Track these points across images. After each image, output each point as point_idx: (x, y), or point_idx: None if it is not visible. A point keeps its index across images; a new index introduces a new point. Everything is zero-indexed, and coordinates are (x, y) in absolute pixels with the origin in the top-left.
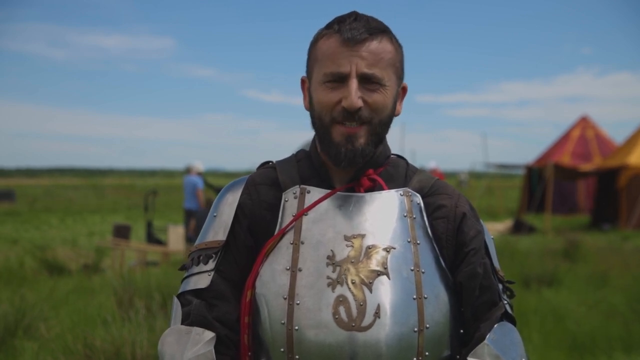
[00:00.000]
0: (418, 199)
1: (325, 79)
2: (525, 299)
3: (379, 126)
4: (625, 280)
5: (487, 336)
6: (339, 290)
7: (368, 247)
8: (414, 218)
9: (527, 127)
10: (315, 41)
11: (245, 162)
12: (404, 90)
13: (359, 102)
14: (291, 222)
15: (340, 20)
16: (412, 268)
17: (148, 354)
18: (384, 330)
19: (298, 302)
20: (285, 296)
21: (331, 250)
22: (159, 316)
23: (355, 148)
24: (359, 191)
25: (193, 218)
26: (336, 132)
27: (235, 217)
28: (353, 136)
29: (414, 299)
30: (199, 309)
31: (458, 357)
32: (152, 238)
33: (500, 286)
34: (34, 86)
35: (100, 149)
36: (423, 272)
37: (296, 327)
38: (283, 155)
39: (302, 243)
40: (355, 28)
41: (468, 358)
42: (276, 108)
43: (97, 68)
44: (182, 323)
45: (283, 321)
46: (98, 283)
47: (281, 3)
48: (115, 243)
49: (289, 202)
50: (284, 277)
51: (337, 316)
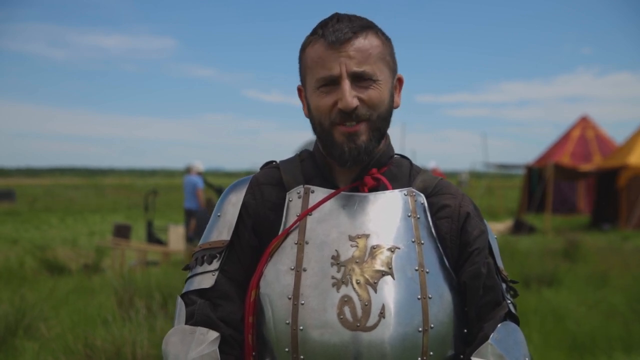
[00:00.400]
0: (422, 199)
1: (318, 85)
2: (525, 299)
3: (379, 121)
4: (625, 280)
5: (491, 336)
6: (344, 290)
7: (372, 247)
8: (418, 218)
9: (527, 127)
10: (303, 49)
11: (245, 162)
12: (400, 81)
13: (355, 102)
14: (295, 222)
15: (323, 24)
16: (417, 268)
17: (149, 354)
18: (389, 330)
19: (303, 302)
20: (289, 296)
21: (336, 250)
22: (160, 316)
23: (358, 146)
24: (363, 191)
25: (193, 218)
26: (337, 133)
27: (239, 217)
28: (354, 134)
29: (419, 299)
30: (203, 309)
31: (462, 357)
32: (153, 238)
33: (503, 285)
34: (34, 86)
35: (100, 149)
36: (427, 272)
37: (301, 327)
38: (283, 155)
39: (307, 243)
40: (338, 29)
41: (472, 358)
42: (276, 108)
43: (97, 68)
44: (186, 323)
45: (288, 321)
46: (98, 283)
47: (281, 3)
48: (115, 243)
49: (293, 202)
50: (289, 277)
51: (342, 316)
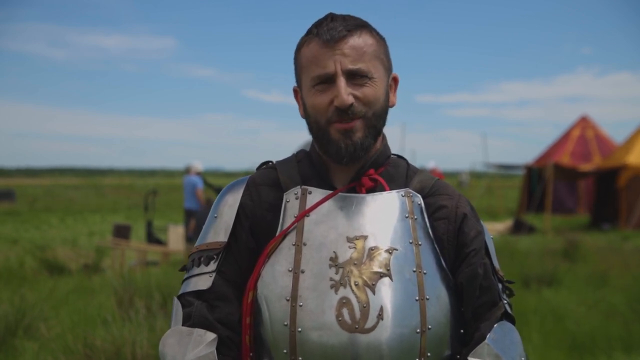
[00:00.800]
0: (419, 200)
1: (313, 83)
2: (525, 299)
3: (374, 118)
4: (625, 280)
5: (488, 336)
6: (342, 292)
7: (370, 249)
8: (415, 219)
9: (527, 127)
10: (297, 50)
11: (245, 162)
12: (395, 80)
13: (350, 99)
14: (293, 224)
15: (317, 24)
16: (414, 269)
17: (148, 354)
18: (387, 332)
19: (301, 304)
20: (287, 298)
21: (334, 252)
22: (159, 316)
23: (354, 142)
24: (361, 191)
25: (193, 218)
26: (333, 131)
27: (236, 218)
28: (350, 131)
29: (417, 301)
30: (201, 311)
31: (458, 357)
32: (152, 238)
33: (500, 286)
34: (34, 86)
35: (100, 149)
36: (425, 273)
37: (299, 329)
38: (283, 155)
39: (305, 245)
40: (333, 28)
41: (469, 358)
42: (276, 108)
43: (97, 68)
44: (183, 324)
45: (286, 323)
46: (98, 283)
47: (281, 3)
48: (115, 243)
49: (290, 203)
50: (287, 279)
51: (341, 318)
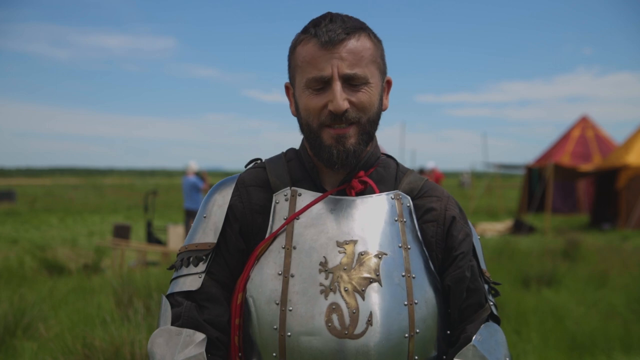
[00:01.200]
0: (408, 202)
1: (308, 84)
2: (524, 299)
3: (368, 124)
4: (624, 280)
5: (474, 337)
6: (332, 297)
7: (360, 254)
8: (405, 222)
9: (528, 127)
10: (293, 47)
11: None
12: (389, 84)
13: (345, 104)
14: (282, 226)
15: (315, 23)
16: (403, 274)
17: (147, 354)
18: (375, 337)
19: (291, 309)
20: (277, 301)
21: (324, 256)
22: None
23: (346, 149)
24: (351, 194)
25: (192, 218)
26: (326, 135)
27: (226, 220)
28: (343, 137)
29: (405, 305)
30: (190, 311)
31: (444, 358)
32: (152, 238)
33: (486, 287)
34: (36, 86)
35: (100, 149)
36: (413, 277)
37: (289, 334)
38: None
39: (294, 248)
40: (331, 30)
41: (455, 359)
42: (277, 108)
43: (99, 68)
44: (172, 324)
45: (275, 326)
46: (98, 283)
47: (282, 3)
48: (115, 243)
49: (280, 205)
50: (276, 282)
51: (330, 324)
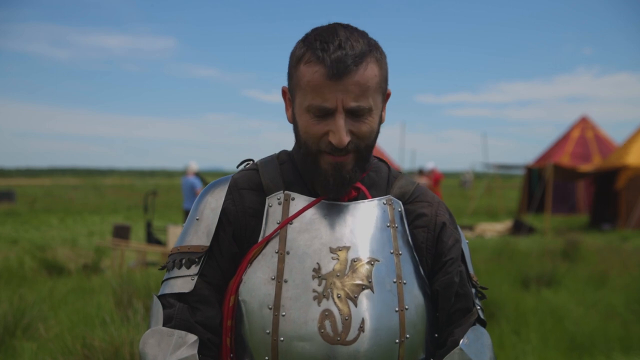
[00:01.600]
0: (400, 207)
1: (309, 109)
2: (524, 299)
3: (366, 151)
4: (624, 280)
5: (461, 342)
6: (325, 304)
7: (353, 260)
8: (396, 227)
9: (528, 127)
10: (296, 61)
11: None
12: (388, 96)
13: (347, 139)
14: (275, 231)
15: (322, 43)
16: (395, 280)
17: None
18: (367, 343)
19: (284, 314)
20: (270, 306)
21: (317, 263)
22: None
23: (343, 177)
24: (343, 199)
25: None
26: (324, 161)
27: (219, 223)
28: (341, 164)
29: (396, 312)
30: (182, 313)
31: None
32: (152, 238)
33: (473, 290)
34: (36, 86)
35: (100, 149)
36: (404, 283)
37: (281, 339)
38: None
39: (288, 253)
40: (340, 60)
41: None
42: (277, 108)
43: (99, 68)
44: (164, 326)
45: (268, 331)
46: (97, 283)
47: (283, 3)
48: (115, 243)
49: (273, 208)
50: (269, 287)
51: (323, 330)
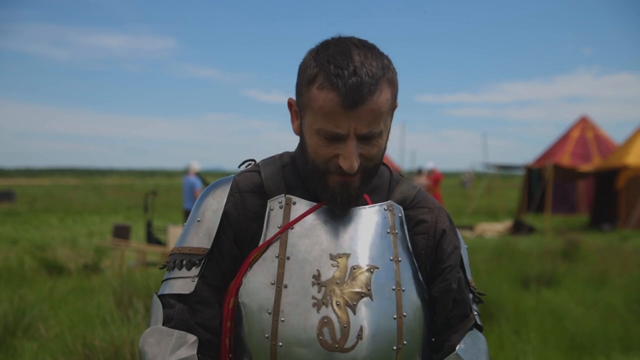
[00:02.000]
0: (400, 212)
1: (319, 132)
2: (524, 299)
3: (373, 170)
4: (624, 280)
5: (457, 347)
6: (324, 311)
7: (353, 268)
8: (396, 233)
9: (528, 127)
10: (308, 82)
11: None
12: (395, 107)
13: (357, 164)
14: (276, 235)
15: (337, 68)
16: (394, 287)
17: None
18: (365, 351)
19: (283, 319)
20: (269, 311)
21: (317, 270)
22: None
23: (349, 194)
24: None
25: None
26: (332, 180)
27: (220, 226)
28: (348, 183)
29: (394, 319)
30: (182, 314)
31: None
32: (152, 238)
33: (471, 296)
34: (36, 86)
35: (100, 149)
36: (403, 290)
37: (280, 344)
38: None
39: (288, 258)
40: (355, 88)
41: None
42: (277, 108)
43: (99, 68)
44: (164, 325)
45: (267, 335)
46: (97, 283)
47: (283, 3)
48: (115, 243)
49: (274, 212)
50: (269, 292)
51: (322, 337)
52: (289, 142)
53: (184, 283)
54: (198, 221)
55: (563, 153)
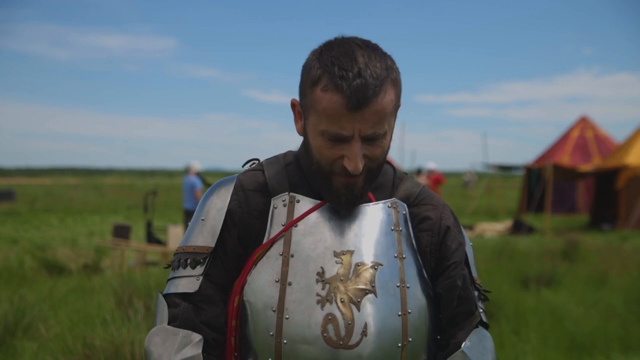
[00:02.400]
0: (404, 209)
1: (323, 133)
2: (524, 299)
3: (377, 169)
4: (623, 280)
5: (463, 344)
6: (328, 308)
7: (357, 265)
8: (401, 231)
9: (528, 127)
10: (312, 83)
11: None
12: (399, 107)
13: (361, 165)
14: (280, 233)
15: (341, 70)
16: (398, 284)
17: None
18: (369, 348)
19: (287, 317)
20: (274, 308)
21: (321, 267)
22: None
23: (354, 194)
24: None
25: (191, 218)
26: (336, 181)
27: (224, 225)
28: (353, 184)
29: (399, 316)
30: (187, 313)
31: None
32: (152, 238)
33: (476, 293)
34: (36, 86)
35: (100, 149)
36: (408, 287)
37: (285, 341)
38: None
39: (292, 256)
40: (360, 90)
41: None
42: (277, 108)
43: (100, 68)
44: (169, 325)
45: (271, 333)
46: (98, 283)
47: (282, 3)
48: (115, 243)
49: (278, 210)
50: (273, 289)
51: (326, 334)
52: (289, 142)
53: (189, 282)
54: (202, 220)
55: (563, 153)
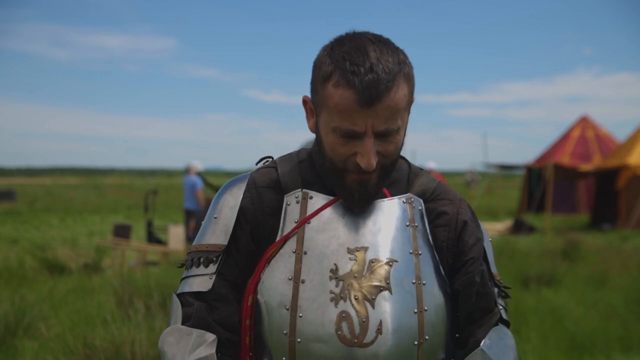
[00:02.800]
0: (420, 205)
1: (336, 130)
2: (524, 299)
3: (391, 166)
4: (624, 280)
5: (482, 342)
6: (342, 305)
7: (371, 261)
8: (416, 226)
9: (528, 127)
10: (324, 79)
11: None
12: (412, 103)
13: (375, 161)
14: (293, 230)
15: (352, 65)
16: (414, 281)
17: (147, 353)
18: (385, 346)
19: (301, 315)
20: (287, 307)
21: (334, 263)
22: (159, 316)
23: (367, 191)
24: None
25: (193, 218)
26: (349, 178)
27: (237, 222)
28: (366, 181)
29: (415, 313)
30: (200, 312)
31: None
32: (152, 238)
33: (496, 290)
34: (36, 86)
35: (100, 149)
36: (424, 284)
37: (299, 340)
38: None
39: (305, 253)
40: (372, 85)
41: None
42: (277, 108)
43: (99, 68)
44: (182, 324)
45: (285, 331)
46: (98, 283)
47: (282, 3)
48: (115, 243)
49: (291, 207)
50: (287, 287)
51: (340, 332)
52: (289, 142)
53: (202, 280)
54: (215, 218)
55: (563, 153)
